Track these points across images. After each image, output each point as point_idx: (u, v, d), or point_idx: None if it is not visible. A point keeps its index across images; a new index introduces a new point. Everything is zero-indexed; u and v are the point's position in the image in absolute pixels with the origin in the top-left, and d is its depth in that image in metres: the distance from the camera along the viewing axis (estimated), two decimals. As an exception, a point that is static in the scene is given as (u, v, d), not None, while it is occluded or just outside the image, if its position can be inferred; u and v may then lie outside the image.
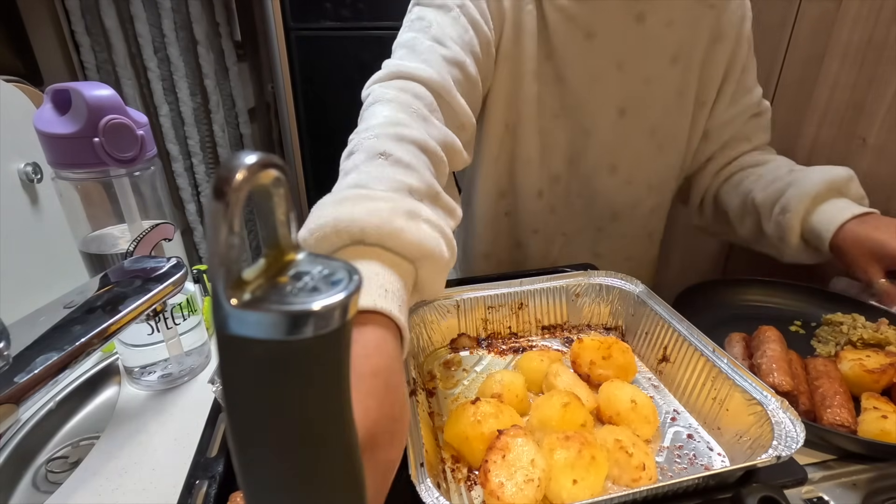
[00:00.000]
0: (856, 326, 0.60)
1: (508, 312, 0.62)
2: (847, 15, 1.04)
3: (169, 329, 0.51)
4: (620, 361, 0.51)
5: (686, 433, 0.47)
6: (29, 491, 0.47)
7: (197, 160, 1.75)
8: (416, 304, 0.58)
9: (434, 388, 0.54)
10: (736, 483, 0.39)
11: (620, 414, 0.45)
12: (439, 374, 0.57)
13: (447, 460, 0.44)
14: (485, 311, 0.61)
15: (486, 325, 0.62)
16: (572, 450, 0.39)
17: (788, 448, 0.37)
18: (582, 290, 0.62)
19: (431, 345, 0.60)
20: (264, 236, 0.18)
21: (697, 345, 0.49)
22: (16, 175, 0.58)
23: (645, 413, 0.45)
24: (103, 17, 1.47)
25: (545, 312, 0.63)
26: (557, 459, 0.39)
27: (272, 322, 0.15)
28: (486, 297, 0.61)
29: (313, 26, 1.55)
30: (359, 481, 0.21)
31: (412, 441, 0.38)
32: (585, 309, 0.63)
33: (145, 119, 0.47)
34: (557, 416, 0.43)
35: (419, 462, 0.36)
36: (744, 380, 0.44)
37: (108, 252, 0.48)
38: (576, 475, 0.38)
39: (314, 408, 0.18)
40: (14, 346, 0.30)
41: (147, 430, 0.49)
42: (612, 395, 0.46)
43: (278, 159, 0.16)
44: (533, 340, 0.62)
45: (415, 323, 0.58)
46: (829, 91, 1.10)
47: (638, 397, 0.46)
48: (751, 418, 0.42)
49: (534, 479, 0.37)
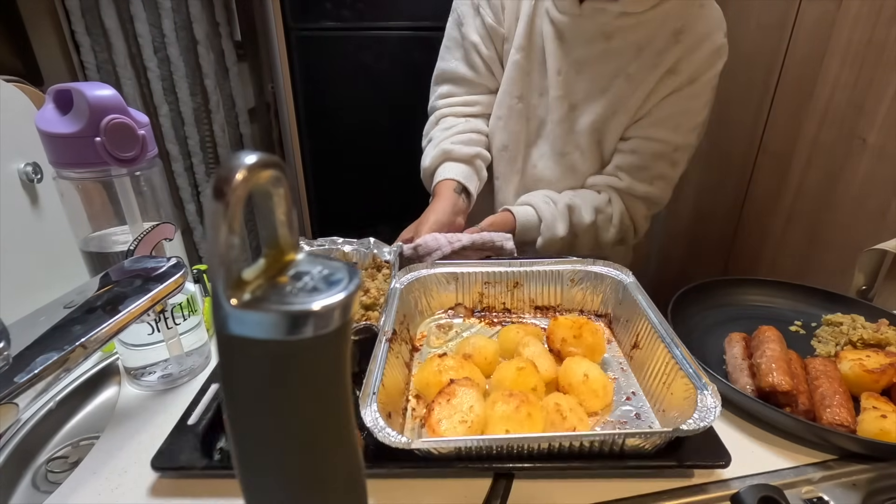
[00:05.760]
0: (856, 327, 0.60)
1: (504, 289, 0.67)
2: (847, 15, 1.04)
3: (169, 329, 0.51)
4: (589, 341, 0.55)
5: (634, 412, 0.50)
6: (29, 491, 0.47)
7: (197, 160, 1.75)
8: (418, 273, 0.65)
9: (421, 345, 0.62)
10: (653, 455, 0.42)
11: (572, 385, 0.50)
12: (432, 334, 0.63)
13: (411, 401, 0.52)
14: (482, 285, 0.67)
15: (483, 299, 0.67)
16: (511, 405, 0.44)
17: (691, 425, 0.40)
18: (578, 277, 0.65)
19: (430, 310, 0.66)
20: (264, 236, 0.18)
21: (663, 334, 0.51)
22: (16, 175, 0.58)
23: (594, 388, 0.49)
24: (103, 17, 1.47)
25: (539, 293, 0.67)
26: (496, 411, 0.44)
27: (272, 322, 0.15)
28: (484, 273, 0.66)
29: (313, 26, 1.55)
30: (359, 481, 0.21)
31: (370, 376, 0.45)
32: (579, 295, 0.66)
33: (146, 119, 0.47)
34: (511, 378, 0.49)
35: (372, 391, 0.44)
36: (689, 367, 0.46)
37: (109, 251, 0.48)
38: (509, 426, 0.43)
39: (314, 407, 0.18)
40: (14, 346, 0.30)
41: (147, 430, 0.49)
42: (569, 368, 0.51)
43: (278, 159, 0.16)
44: (524, 318, 0.67)
45: (416, 289, 0.64)
46: (829, 91, 1.10)
47: (592, 373, 0.50)
48: (686, 402, 0.44)
49: (468, 421, 0.43)
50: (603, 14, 0.77)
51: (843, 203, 1.08)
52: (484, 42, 0.86)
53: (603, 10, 0.77)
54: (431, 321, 0.66)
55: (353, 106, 1.66)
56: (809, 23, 1.12)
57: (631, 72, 0.80)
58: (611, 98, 0.82)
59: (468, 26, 0.86)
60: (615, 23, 0.77)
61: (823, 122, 1.12)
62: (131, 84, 1.56)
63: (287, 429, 0.18)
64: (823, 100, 1.11)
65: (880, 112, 1.00)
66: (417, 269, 0.66)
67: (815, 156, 1.14)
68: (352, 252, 0.71)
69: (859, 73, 1.03)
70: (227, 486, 0.42)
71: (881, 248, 0.70)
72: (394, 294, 0.60)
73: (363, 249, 0.70)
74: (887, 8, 0.96)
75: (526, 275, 0.66)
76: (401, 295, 0.60)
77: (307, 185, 1.78)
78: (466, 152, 0.87)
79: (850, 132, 1.06)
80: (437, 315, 0.67)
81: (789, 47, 1.18)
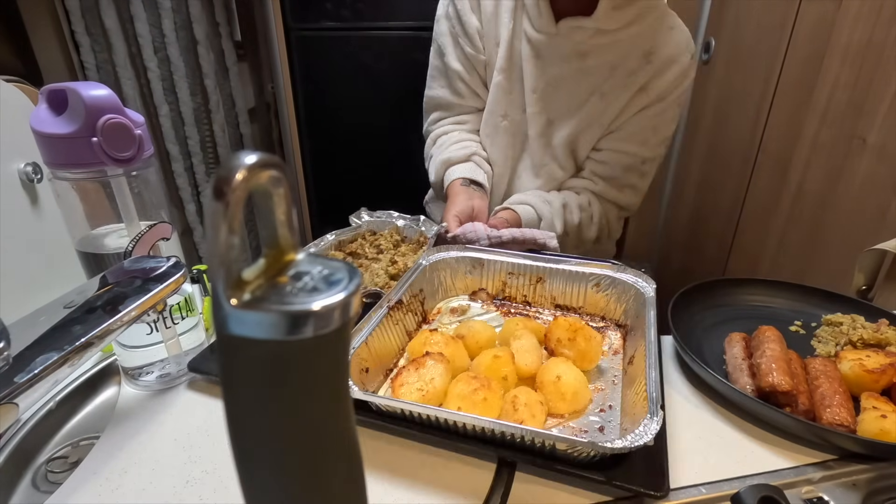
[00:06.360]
0: (856, 327, 0.60)
1: (527, 282, 0.67)
2: (847, 15, 1.04)
3: (168, 329, 0.51)
4: (582, 347, 0.54)
5: (600, 425, 0.48)
6: (29, 491, 0.47)
7: (197, 160, 1.75)
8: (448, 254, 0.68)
9: (433, 320, 0.64)
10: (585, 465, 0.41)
11: (543, 384, 0.50)
12: (445, 313, 0.65)
13: (400, 363, 0.57)
14: (506, 275, 0.67)
15: (505, 289, 0.68)
16: (470, 387, 0.46)
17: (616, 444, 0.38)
18: (604, 282, 0.64)
19: (453, 290, 0.69)
20: (264, 236, 0.18)
21: (650, 354, 0.49)
22: (16, 175, 0.58)
23: (563, 391, 0.49)
24: (103, 17, 1.47)
25: (561, 292, 0.66)
26: (454, 389, 0.47)
27: (272, 322, 0.15)
28: (508, 264, 0.67)
29: (313, 26, 1.55)
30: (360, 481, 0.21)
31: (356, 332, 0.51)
32: (602, 301, 0.64)
33: (142, 119, 0.47)
34: (486, 364, 0.51)
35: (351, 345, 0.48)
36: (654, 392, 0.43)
37: (106, 252, 0.48)
38: (463, 405, 0.45)
39: (314, 407, 0.18)
40: (14, 346, 0.30)
41: (147, 430, 0.49)
42: (547, 368, 0.51)
43: (278, 159, 0.16)
44: (542, 314, 0.66)
45: (441, 268, 0.67)
46: (829, 91, 1.10)
47: (566, 377, 0.49)
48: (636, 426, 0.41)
49: (424, 391, 0.47)
50: (579, 32, 0.82)
51: (843, 203, 1.08)
52: (466, 69, 0.92)
53: (579, 28, 0.82)
54: (450, 301, 0.68)
55: (353, 106, 1.66)
56: (809, 23, 1.12)
57: (605, 90, 0.86)
58: (586, 114, 0.88)
59: (449, 56, 0.93)
60: (590, 41, 0.83)
61: (823, 122, 1.12)
62: (131, 84, 1.56)
63: (287, 429, 0.18)
64: (823, 100, 1.11)
65: (880, 112, 1.00)
66: (449, 249, 0.68)
67: (815, 156, 1.14)
68: (404, 226, 0.78)
69: (859, 73, 1.03)
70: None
71: (881, 248, 0.70)
72: (417, 269, 0.64)
73: (413, 225, 0.77)
74: (887, 8, 0.96)
75: (550, 271, 0.65)
76: (424, 271, 0.64)
77: (307, 185, 1.78)
78: (464, 153, 0.92)
79: (850, 132, 1.06)
80: (459, 297, 0.69)
81: (789, 47, 1.18)
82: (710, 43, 1.43)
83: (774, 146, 1.26)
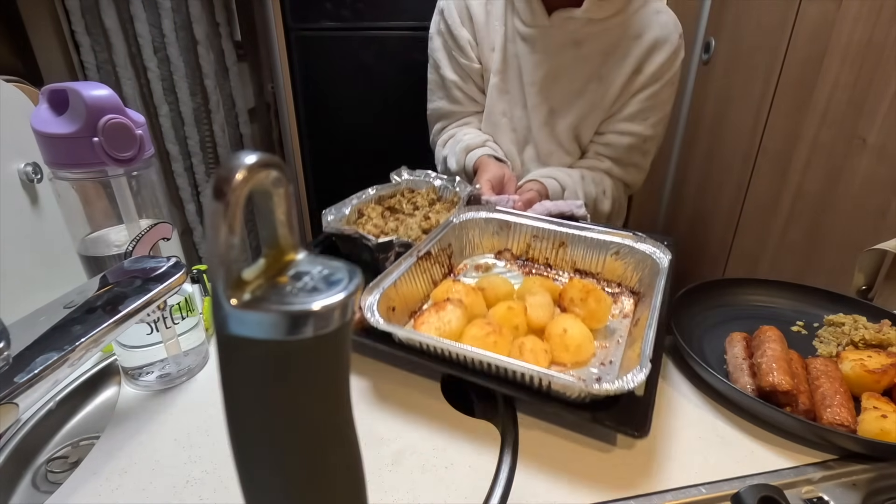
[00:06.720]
0: (857, 327, 0.60)
1: (550, 246, 0.70)
2: (847, 15, 1.04)
3: (168, 329, 0.51)
4: (592, 307, 0.57)
5: (597, 376, 0.51)
6: (29, 491, 0.47)
7: (197, 160, 1.75)
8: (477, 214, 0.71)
9: (458, 273, 0.69)
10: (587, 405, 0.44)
11: (551, 335, 0.53)
12: (471, 269, 0.70)
13: (424, 305, 0.61)
14: (530, 237, 0.71)
15: (529, 250, 0.72)
16: (483, 331, 0.50)
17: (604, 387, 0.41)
18: (623, 251, 0.66)
19: (481, 248, 0.73)
20: (264, 236, 0.18)
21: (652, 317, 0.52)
22: (16, 175, 0.58)
23: (567, 343, 0.52)
24: (103, 17, 1.47)
25: (581, 258, 0.69)
26: (469, 331, 0.51)
27: (272, 322, 0.15)
28: (533, 227, 0.70)
29: (313, 26, 1.55)
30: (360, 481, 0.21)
31: (386, 275, 0.55)
32: (620, 268, 0.67)
33: (143, 119, 0.47)
34: (500, 313, 0.55)
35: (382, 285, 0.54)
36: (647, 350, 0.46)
37: (106, 253, 0.48)
38: (474, 346, 0.48)
39: (314, 407, 0.18)
40: (14, 346, 0.30)
41: (147, 430, 0.49)
42: (556, 322, 0.54)
43: (278, 159, 0.16)
44: (561, 276, 0.69)
45: (470, 227, 0.71)
46: (829, 91, 1.10)
47: (571, 330, 0.52)
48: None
49: (440, 328, 0.51)
50: (571, 22, 0.86)
51: (843, 203, 1.08)
52: (461, 78, 0.98)
53: (571, 18, 0.86)
54: (476, 259, 0.72)
55: (353, 106, 1.66)
56: (809, 23, 1.12)
57: (602, 74, 0.90)
58: (587, 99, 0.92)
59: (445, 68, 0.98)
60: (584, 30, 0.87)
61: (823, 122, 1.12)
62: (131, 84, 1.56)
63: (287, 428, 0.18)
64: (823, 100, 1.11)
65: (880, 112, 1.00)
66: (479, 210, 0.72)
67: (815, 156, 1.14)
68: (440, 186, 0.82)
69: (859, 73, 1.03)
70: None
71: (881, 248, 0.70)
72: (447, 225, 0.68)
73: (450, 186, 0.81)
74: (887, 8, 0.96)
75: (572, 238, 0.68)
76: (454, 228, 0.69)
77: (307, 185, 1.78)
78: (480, 139, 0.97)
79: (850, 132, 1.06)
80: (485, 255, 0.72)
81: (789, 47, 1.18)
82: (710, 43, 1.43)
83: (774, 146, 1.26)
